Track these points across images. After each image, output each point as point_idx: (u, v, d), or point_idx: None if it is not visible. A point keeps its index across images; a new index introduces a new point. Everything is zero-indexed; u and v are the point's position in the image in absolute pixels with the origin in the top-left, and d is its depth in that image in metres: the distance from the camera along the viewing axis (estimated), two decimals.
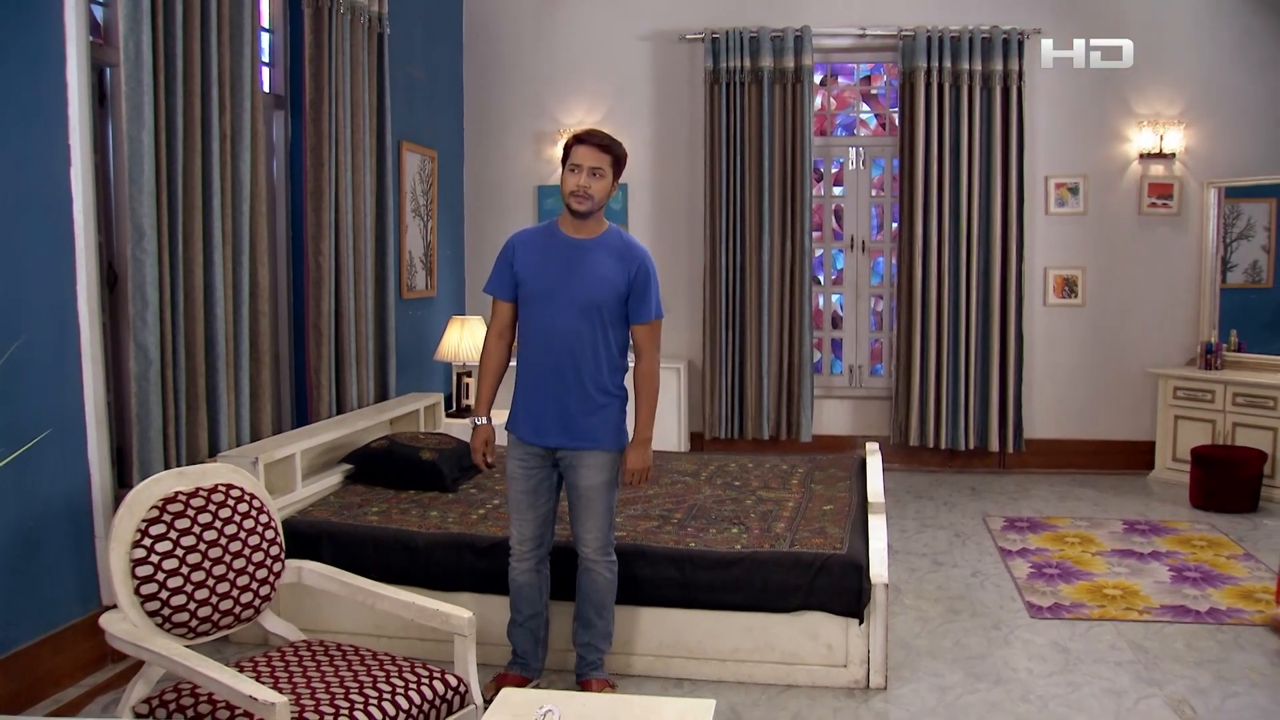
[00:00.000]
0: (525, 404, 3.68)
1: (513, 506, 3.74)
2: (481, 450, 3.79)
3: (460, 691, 2.96)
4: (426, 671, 2.95)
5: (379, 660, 3.01)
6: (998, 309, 7.40)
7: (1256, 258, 7.45)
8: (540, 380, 3.63)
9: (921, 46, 7.28)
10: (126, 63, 3.86)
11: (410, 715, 2.79)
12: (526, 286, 3.61)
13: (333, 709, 2.68)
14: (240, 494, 3.17)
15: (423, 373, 6.90)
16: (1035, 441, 7.62)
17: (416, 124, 6.83)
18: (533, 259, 3.63)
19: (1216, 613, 4.67)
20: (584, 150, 3.52)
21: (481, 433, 3.78)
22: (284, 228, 5.41)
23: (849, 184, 7.87)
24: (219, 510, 3.08)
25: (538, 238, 3.68)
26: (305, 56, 5.21)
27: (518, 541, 3.75)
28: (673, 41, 7.69)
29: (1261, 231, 7.42)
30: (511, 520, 3.76)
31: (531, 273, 3.61)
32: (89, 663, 3.94)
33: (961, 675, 4.04)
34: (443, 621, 3.04)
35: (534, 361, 3.64)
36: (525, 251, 3.65)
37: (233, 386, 4.51)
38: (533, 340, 3.63)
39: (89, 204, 3.87)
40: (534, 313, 3.62)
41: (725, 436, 7.68)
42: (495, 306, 3.72)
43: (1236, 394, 6.80)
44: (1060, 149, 7.49)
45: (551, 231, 3.67)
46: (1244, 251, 7.46)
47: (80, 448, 3.90)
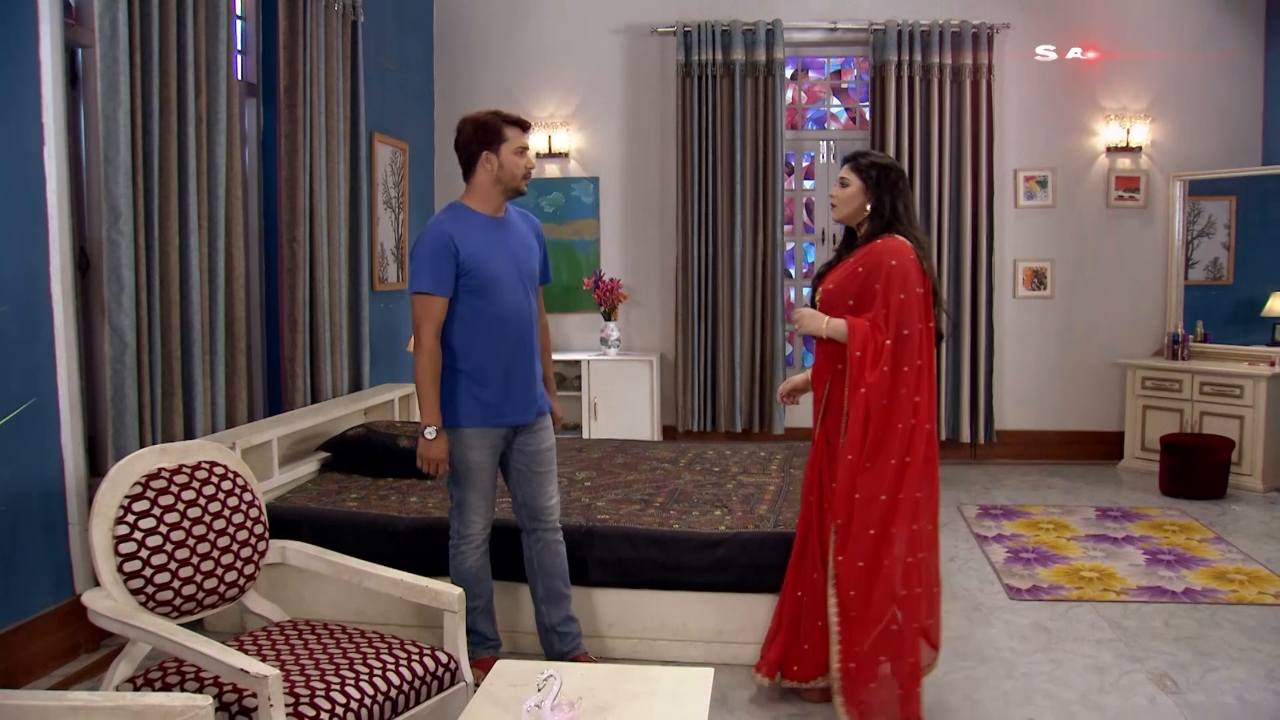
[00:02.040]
0: (490, 390, 3.57)
1: (476, 496, 3.64)
2: (444, 460, 3.57)
3: (451, 669, 2.92)
4: (416, 648, 2.91)
5: (367, 638, 2.97)
6: (969, 301, 7.46)
7: (1217, 255, 7.57)
8: (505, 363, 3.58)
9: (892, 40, 7.33)
10: (102, 40, 3.80)
11: (401, 691, 2.75)
12: (478, 275, 3.48)
13: (323, 684, 2.64)
14: (224, 471, 3.12)
15: (393, 365, 6.84)
16: (1006, 432, 7.69)
17: (388, 115, 6.78)
18: (476, 247, 3.50)
19: (1192, 593, 4.72)
20: (524, 135, 3.57)
21: (442, 442, 3.56)
22: (256, 216, 5.34)
23: (820, 178, 7.91)
24: (203, 487, 3.03)
25: (466, 225, 3.53)
26: (280, 43, 5.15)
27: (479, 529, 3.68)
28: (644, 34, 7.69)
29: (1222, 229, 7.53)
30: (470, 509, 3.65)
31: (480, 260, 3.49)
32: (62, 652, 3.88)
33: (945, 654, 4.02)
34: (432, 598, 3.01)
35: (493, 348, 3.55)
36: (466, 241, 3.49)
37: (208, 372, 4.45)
38: (489, 326, 3.54)
39: (63, 185, 3.81)
40: (487, 300, 3.52)
41: (698, 429, 7.68)
42: (432, 306, 3.48)
43: (1204, 383, 6.89)
44: (1029, 142, 7.58)
45: (470, 216, 3.55)
46: (1205, 249, 7.57)
47: (53, 433, 3.83)
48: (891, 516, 3.33)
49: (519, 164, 3.53)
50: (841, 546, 3.35)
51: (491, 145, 3.51)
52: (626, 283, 7.74)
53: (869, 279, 3.38)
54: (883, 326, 3.34)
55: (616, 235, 7.85)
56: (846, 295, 3.44)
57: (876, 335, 3.34)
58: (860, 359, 3.34)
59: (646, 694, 2.52)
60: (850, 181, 3.48)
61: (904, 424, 3.35)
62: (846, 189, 3.49)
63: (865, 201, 3.47)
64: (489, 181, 3.55)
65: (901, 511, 3.34)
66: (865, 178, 3.46)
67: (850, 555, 3.33)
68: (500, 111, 3.58)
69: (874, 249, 3.41)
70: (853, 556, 3.33)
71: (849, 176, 3.49)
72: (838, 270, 3.53)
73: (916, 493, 3.37)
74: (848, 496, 3.34)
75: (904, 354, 3.35)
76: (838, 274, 3.51)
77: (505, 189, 3.56)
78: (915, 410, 3.36)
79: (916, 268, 3.38)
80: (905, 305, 3.34)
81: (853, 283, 3.43)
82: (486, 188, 3.56)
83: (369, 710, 2.65)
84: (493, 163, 3.51)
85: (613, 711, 2.41)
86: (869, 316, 3.37)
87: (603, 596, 4.01)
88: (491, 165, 3.52)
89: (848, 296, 3.44)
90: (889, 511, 3.33)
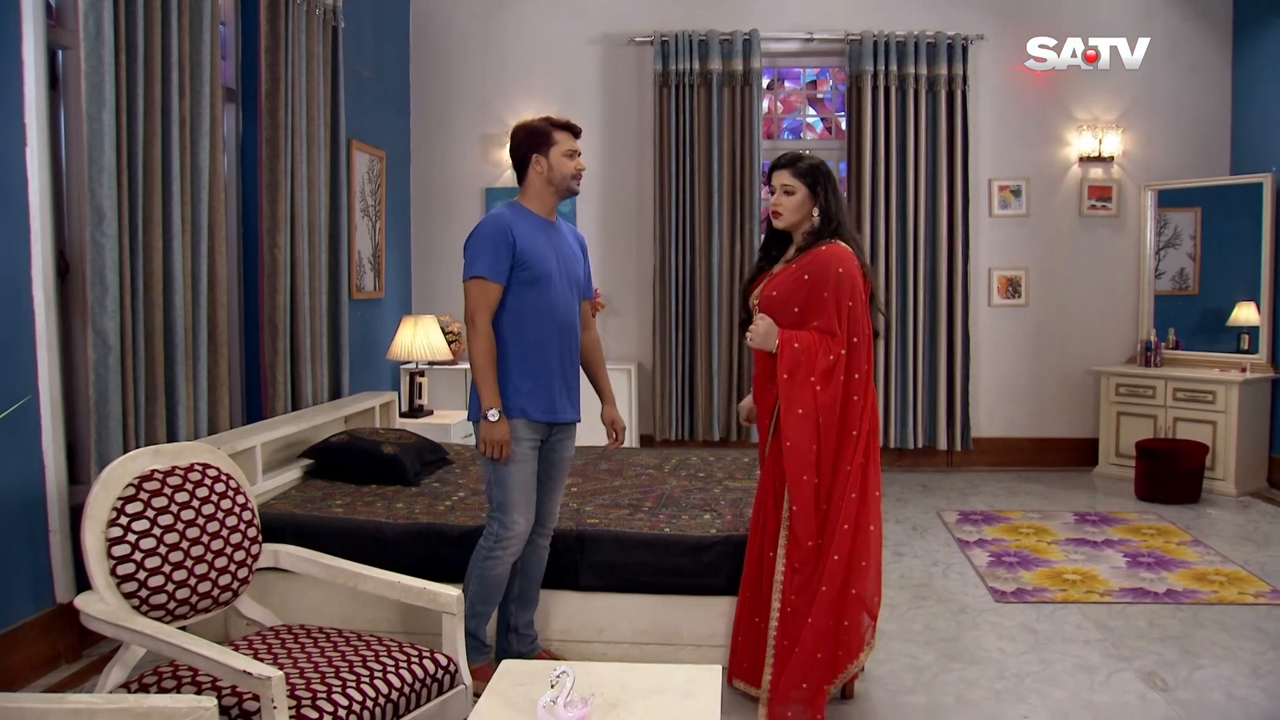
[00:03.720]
0: (536, 383, 3.61)
1: (520, 492, 3.60)
2: (508, 442, 3.54)
3: (451, 671, 2.89)
4: (416, 651, 2.88)
5: (365, 641, 2.93)
6: (944, 309, 7.52)
7: (1183, 265, 7.68)
8: (551, 358, 3.64)
9: (868, 50, 7.39)
10: (86, 40, 3.75)
11: (402, 693, 2.72)
12: (532, 268, 3.56)
13: (324, 686, 2.60)
14: (217, 474, 3.08)
15: (370, 374, 6.79)
16: (982, 439, 7.75)
17: (365, 123, 6.73)
18: (530, 240, 3.59)
19: (1174, 594, 4.77)
20: (573, 139, 3.67)
21: (505, 424, 3.53)
22: (234, 221, 5.28)
23: None
24: (196, 490, 2.99)
25: (522, 219, 3.62)
26: (261, 47, 5.10)
27: (521, 529, 3.63)
28: (622, 44, 7.71)
29: (1188, 240, 7.65)
30: (514, 507, 3.60)
31: (535, 254, 3.57)
32: (41, 663, 3.80)
33: (935, 656, 4.07)
34: (430, 600, 2.98)
35: (541, 341, 3.61)
36: (522, 232, 3.57)
37: (191, 377, 4.38)
38: (538, 320, 3.60)
39: (45, 187, 3.75)
40: (538, 293, 3.59)
41: (676, 438, 7.68)
42: (489, 291, 3.53)
43: (1177, 389, 6.99)
44: (1003, 152, 7.66)
45: (526, 214, 3.66)
46: (1171, 259, 7.68)
47: (34, 439, 3.76)
48: (862, 516, 3.42)
49: (569, 165, 3.64)
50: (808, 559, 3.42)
51: (541, 149, 3.63)
52: (604, 291, 7.73)
53: (816, 286, 3.39)
54: (838, 335, 3.36)
55: (594, 244, 7.81)
56: (792, 303, 3.44)
57: (829, 349, 3.36)
58: (788, 381, 3.36)
59: (658, 691, 2.50)
60: (796, 189, 3.47)
61: (859, 429, 3.38)
62: (792, 196, 3.48)
63: (813, 206, 3.48)
64: (540, 183, 3.66)
65: (868, 511, 3.44)
66: (808, 182, 3.47)
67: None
68: (551, 118, 3.72)
69: (819, 256, 3.41)
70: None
71: (793, 183, 3.47)
72: (779, 277, 3.51)
73: (876, 491, 3.48)
74: (812, 516, 3.40)
75: (855, 361, 3.39)
76: (781, 281, 3.49)
77: (557, 190, 3.67)
78: (865, 415, 3.42)
79: (860, 273, 3.42)
80: (855, 313, 3.38)
81: (799, 290, 3.43)
82: (539, 189, 3.67)
83: (371, 713, 2.61)
84: (542, 165, 3.63)
85: (625, 708, 2.39)
86: (816, 325, 3.38)
87: (594, 601, 3.98)
88: (541, 167, 3.63)
89: (793, 304, 3.44)
90: (860, 511, 3.41)
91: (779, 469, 3.48)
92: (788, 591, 3.45)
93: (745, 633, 3.62)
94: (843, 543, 3.38)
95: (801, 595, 3.42)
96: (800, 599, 3.42)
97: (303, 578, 3.67)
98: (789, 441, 3.37)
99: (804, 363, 3.36)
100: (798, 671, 3.38)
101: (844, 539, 3.38)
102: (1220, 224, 7.50)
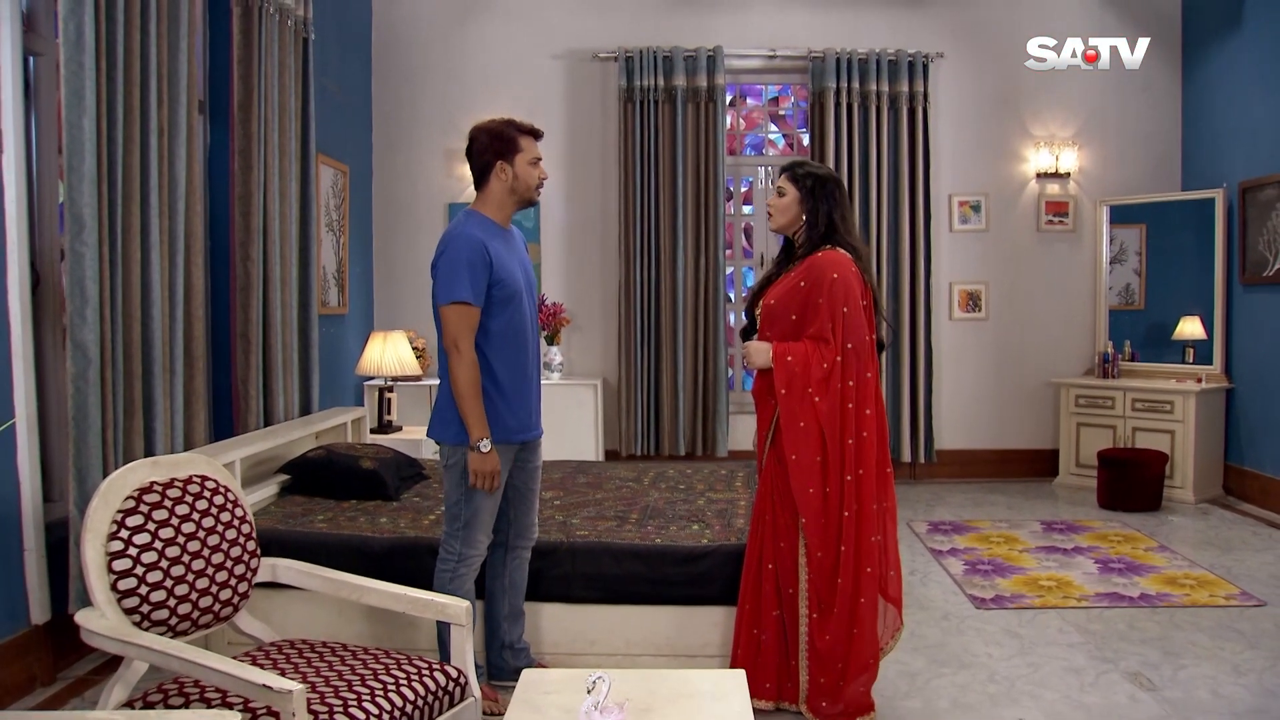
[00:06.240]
0: (513, 403, 3.51)
1: (488, 513, 3.53)
2: (498, 473, 3.44)
3: (461, 683, 2.85)
4: (425, 664, 2.83)
5: (372, 654, 2.88)
6: (907, 323, 7.61)
7: (1129, 281, 7.85)
8: (525, 376, 3.56)
9: (831, 68, 7.48)
10: (66, 45, 3.66)
11: (416, 706, 2.67)
12: (506, 286, 3.42)
13: (340, 700, 2.55)
14: (215, 486, 3.01)
15: (336, 391, 6.70)
16: (944, 452, 7.84)
17: (330, 137, 6.65)
18: (502, 257, 3.45)
19: (1148, 598, 4.85)
20: (537, 144, 3.53)
21: (495, 455, 3.41)
22: (203, 234, 5.18)
23: (758, 203, 8.00)
24: (195, 502, 2.92)
25: (492, 236, 3.45)
26: (234, 58, 5.02)
27: (484, 548, 3.57)
28: (586, 60, 7.72)
29: (1133, 255, 7.82)
30: (479, 528, 3.52)
31: (506, 271, 3.44)
32: (16, 686, 3.69)
33: (925, 662, 4.10)
34: (438, 611, 2.93)
35: (516, 360, 3.51)
36: (496, 251, 3.42)
37: (168, 392, 4.29)
38: (513, 338, 3.50)
39: (21, 196, 3.66)
40: (513, 310, 3.47)
41: (641, 453, 7.66)
42: (472, 316, 3.37)
43: (1135, 400, 7.13)
44: (963, 168, 7.79)
45: (490, 226, 3.48)
46: (1118, 275, 7.85)
47: (9, 456, 3.65)
48: (859, 528, 3.42)
49: (533, 175, 3.48)
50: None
51: (507, 155, 3.45)
52: (569, 307, 7.71)
53: (811, 293, 3.41)
54: (831, 341, 3.38)
55: (559, 259, 7.83)
56: (789, 310, 3.47)
57: (822, 357, 3.38)
58: (787, 395, 3.40)
59: (686, 695, 2.48)
60: (786, 191, 3.52)
61: (854, 439, 3.40)
62: (783, 198, 3.53)
63: (801, 211, 3.51)
64: (504, 192, 3.49)
65: (865, 523, 3.42)
66: (801, 187, 3.50)
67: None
68: (514, 120, 3.53)
69: (815, 262, 3.44)
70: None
71: (785, 186, 3.53)
72: (779, 285, 3.55)
73: (872, 505, 3.45)
74: (820, 528, 3.43)
75: (850, 368, 3.40)
76: (779, 289, 3.52)
77: (519, 199, 3.52)
78: (863, 423, 3.42)
79: (859, 280, 3.44)
80: (850, 319, 3.39)
81: (795, 297, 3.45)
82: (501, 198, 3.50)
83: None
84: (507, 173, 3.46)
85: (658, 713, 2.37)
86: (812, 332, 3.41)
87: (585, 612, 3.95)
88: (506, 175, 3.46)
89: (790, 311, 3.46)
90: (854, 523, 3.41)
91: (778, 479, 3.49)
92: (812, 603, 3.49)
93: (746, 645, 3.61)
94: (847, 561, 3.42)
95: (824, 607, 3.46)
96: (822, 615, 3.47)
97: (286, 592, 3.60)
98: (793, 455, 3.39)
99: (799, 374, 3.38)
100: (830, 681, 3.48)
101: (850, 554, 3.41)
102: (1164, 240, 7.68)
